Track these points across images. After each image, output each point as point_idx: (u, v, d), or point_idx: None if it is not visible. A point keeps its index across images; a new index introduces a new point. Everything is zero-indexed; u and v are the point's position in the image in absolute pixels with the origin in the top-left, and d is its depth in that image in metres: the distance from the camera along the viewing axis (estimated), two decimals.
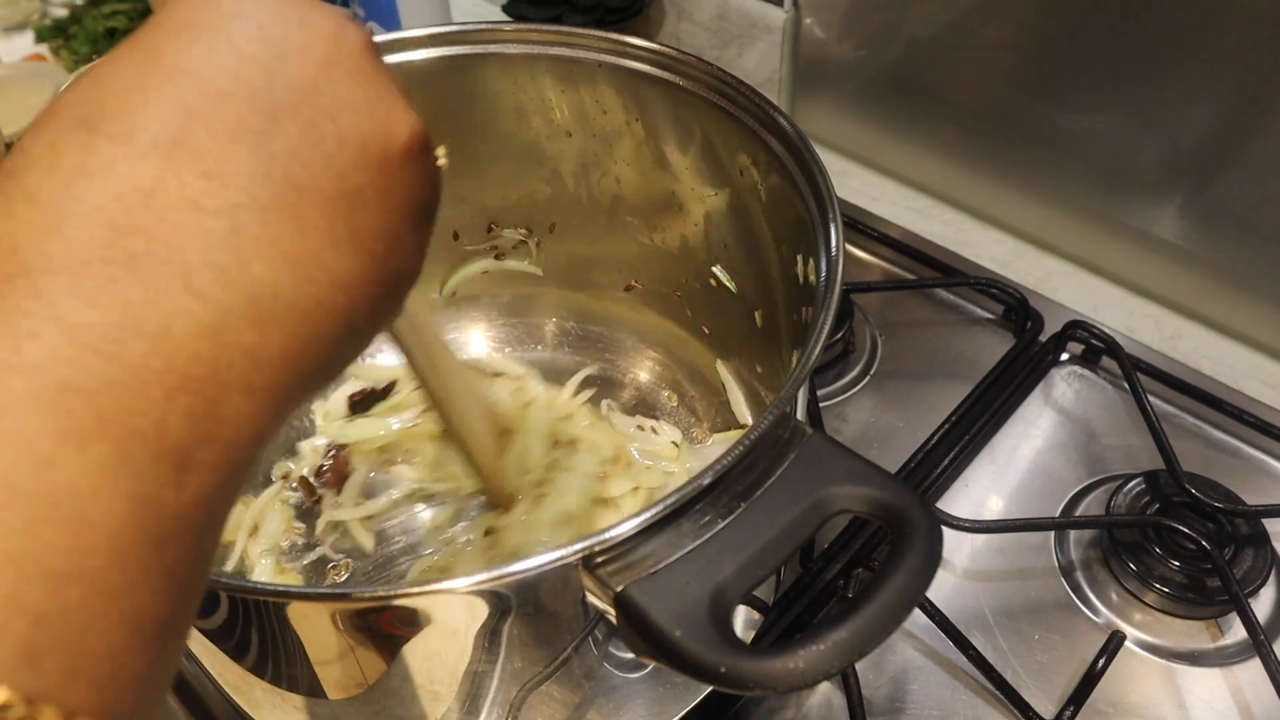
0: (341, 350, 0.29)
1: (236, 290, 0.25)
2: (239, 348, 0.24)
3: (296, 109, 0.26)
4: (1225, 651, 0.61)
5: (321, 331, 0.27)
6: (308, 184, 0.26)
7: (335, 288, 0.27)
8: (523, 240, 0.72)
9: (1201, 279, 0.79)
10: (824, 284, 0.46)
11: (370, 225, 0.28)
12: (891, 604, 0.35)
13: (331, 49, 0.28)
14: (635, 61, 0.59)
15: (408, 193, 0.29)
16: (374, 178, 0.28)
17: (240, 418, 0.25)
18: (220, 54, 0.26)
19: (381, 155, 0.28)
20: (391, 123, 0.28)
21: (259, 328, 0.25)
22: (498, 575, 0.37)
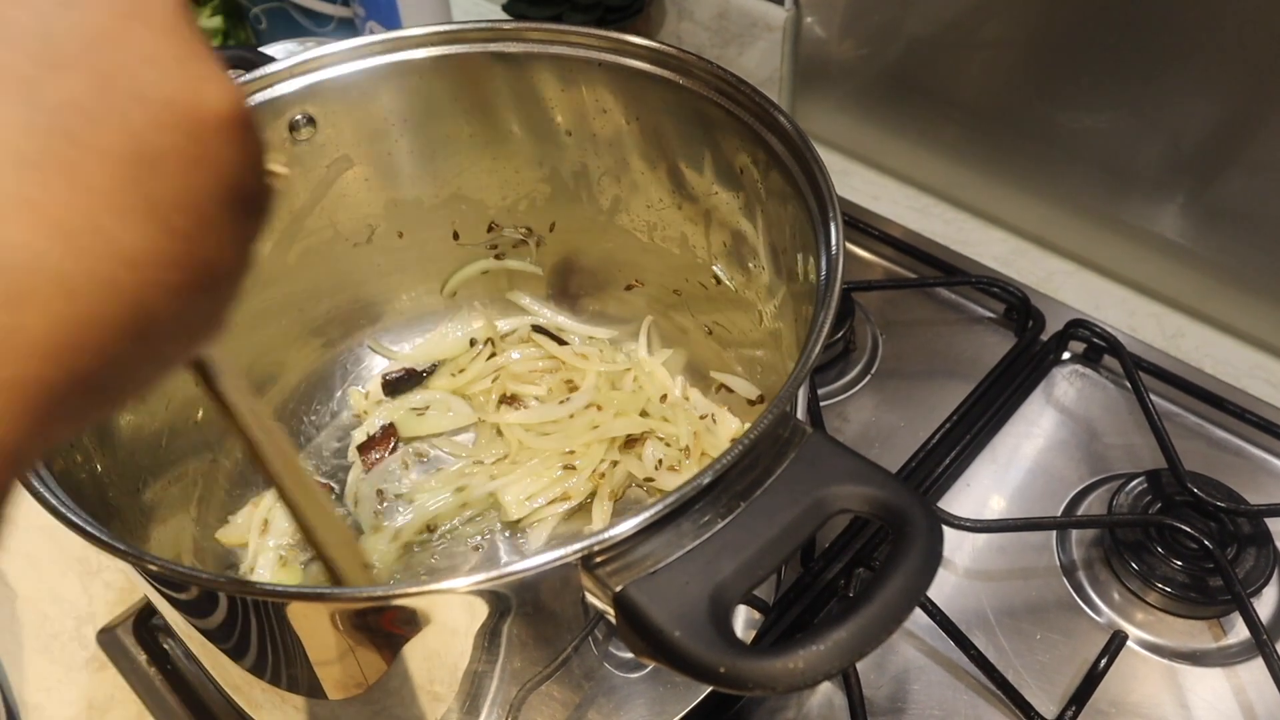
0: (134, 353, 0.24)
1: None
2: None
3: (80, 58, 0.22)
4: (1228, 651, 0.61)
5: (100, 315, 0.22)
6: (89, 139, 0.22)
7: (120, 263, 0.22)
8: (523, 240, 0.72)
9: (1203, 278, 0.79)
10: (824, 283, 0.45)
11: (174, 196, 0.23)
12: (892, 604, 0.34)
13: (133, 1, 0.24)
14: (635, 60, 0.59)
15: (226, 169, 0.25)
16: (180, 141, 0.23)
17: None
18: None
19: (192, 118, 0.24)
20: (206, 86, 0.24)
21: (12, 306, 0.20)
22: (497, 575, 0.37)
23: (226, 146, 0.25)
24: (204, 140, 0.24)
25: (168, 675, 0.62)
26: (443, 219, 0.70)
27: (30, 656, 0.65)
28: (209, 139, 0.24)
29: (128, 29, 0.23)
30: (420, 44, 0.61)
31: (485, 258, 0.73)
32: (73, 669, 0.64)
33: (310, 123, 0.61)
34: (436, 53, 0.62)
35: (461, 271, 0.74)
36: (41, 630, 0.66)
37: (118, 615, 0.65)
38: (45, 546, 0.70)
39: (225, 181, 0.25)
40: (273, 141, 0.60)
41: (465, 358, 0.74)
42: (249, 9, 1.03)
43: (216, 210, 0.25)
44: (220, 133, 0.24)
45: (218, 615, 0.42)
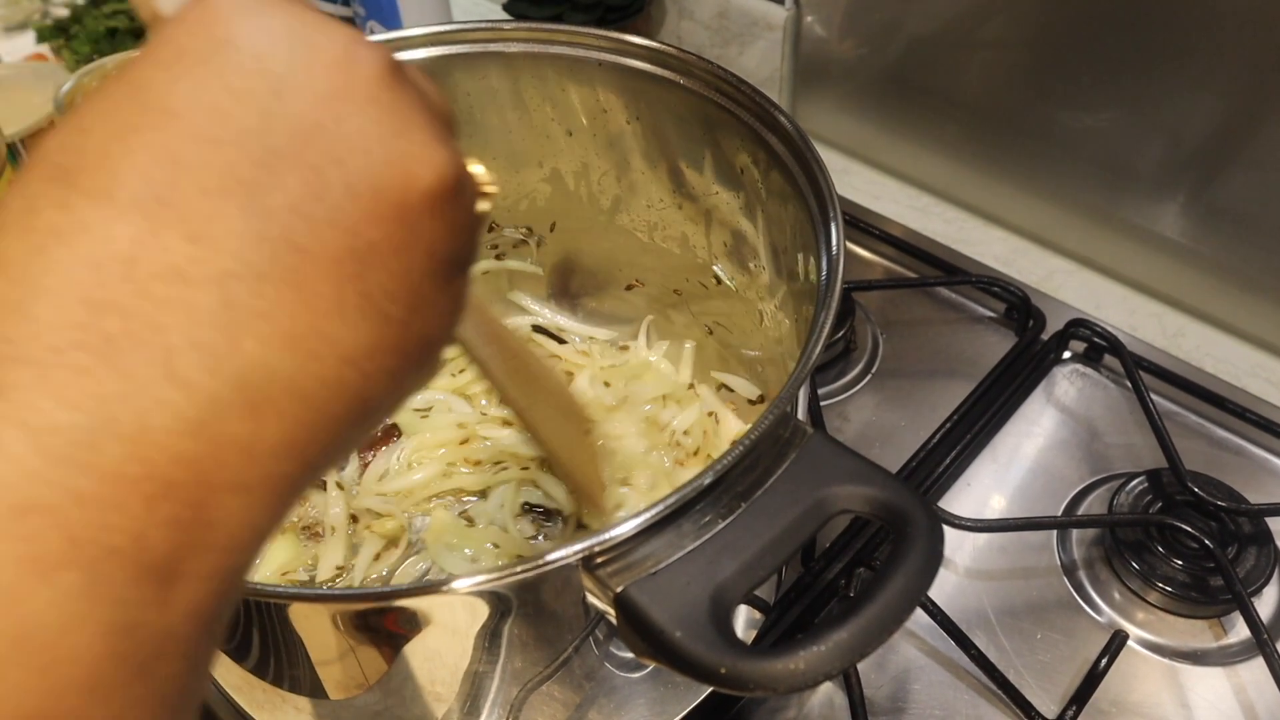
0: (356, 430, 0.25)
1: (226, 375, 0.21)
2: (230, 442, 0.21)
3: (297, 154, 0.22)
4: (1228, 651, 0.61)
5: (328, 414, 0.23)
6: (310, 244, 0.22)
7: (345, 363, 0.23)
8: (523, 239, 0.72)
9: (1204, 277, 0.79)
10: (824, 282, 0.45)
11: (386, 287, 0.24)
12: (893, 604, 0.34)
13: (338, 79, 0.23)
14: (635, 60, 0.59)
15: (433, 245, 0.25)
16: (390, 231, 0.24)
17: (234, 520, 0.22)
18: (211, 91, 0.22)
19: (399, 204, 0.24)
20: (411, 163, 0.24)
21: (253, 417, 0.22)
22: (497, 576, 0.37)
23: (434, 222, 0.24)
24: (413, 223, 0.24)
25: None
26: None
27: None
28: (416, 220, 0.24)
29: (335, 115, 0.23)
30: (420, 44, 0.61)
31: (485, 258, 0.73)
32: None
33: None
34: (435, 53, 0.61)
35: None
36: None
37: None
38: None
39: (437, 256, 0.25)
40: None
41: (465, 358, 0.74)
42: None
43: (429, 286, 0.25)
44: (428, 211, 0.24)
45: None
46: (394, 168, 0.24)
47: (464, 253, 0.26)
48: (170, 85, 0.22)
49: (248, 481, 0.22)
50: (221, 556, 0.22)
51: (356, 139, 0.23)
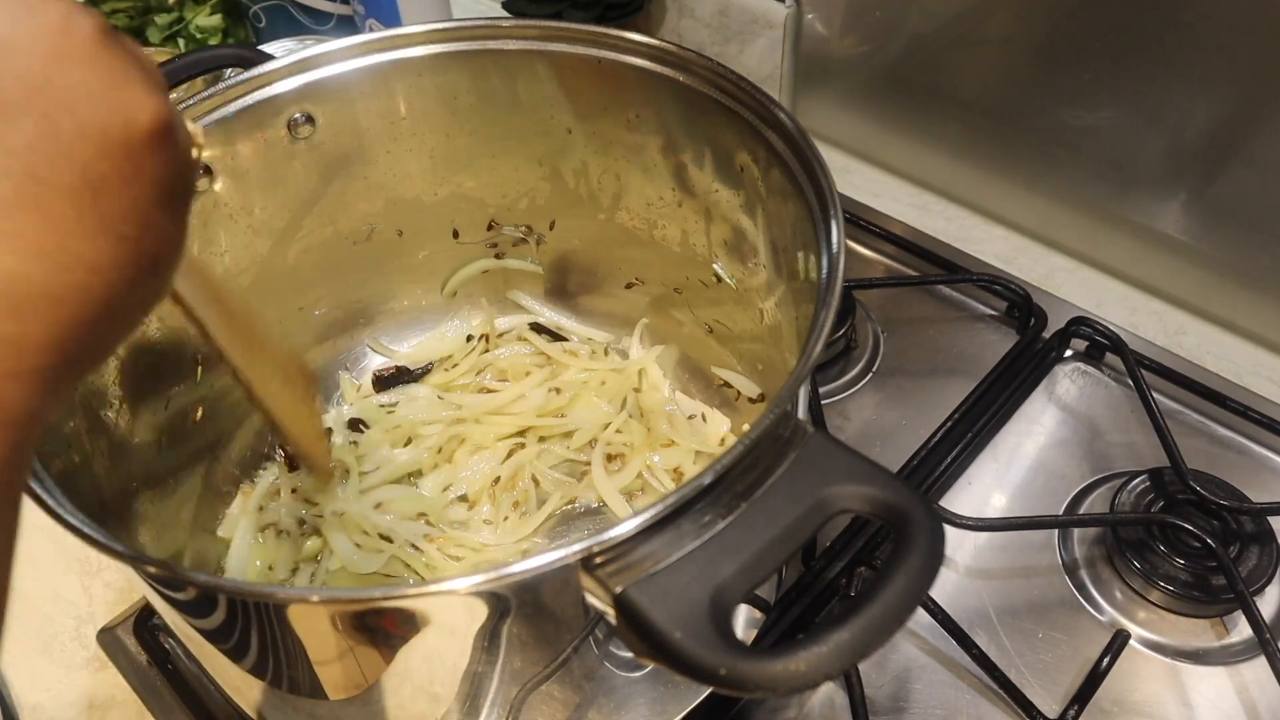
0: (109, 330, 0.31)
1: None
2: (1, 339, 0.26)
3: (29, 103, 0.27)
4: (1230, 650, 0.60)
5: (80, 315, 0.28)
6: (49, 176, 0.27)
7: (89, 272, 0.28)
8: (523, 238, 0.72)
9: (1206, 275, 0.79)
10: (825, 281, 0.45)
11: (119, 210, 0.29)
12: (893, 604, 0.34)
13: (59, 39, 0.28)
14: (635, 58, 0.58)
15: (156, 176, 0.30)
16: (118, 164, 0.28)
17: (9, 402, 0.27)
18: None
19: (124, 142, 0.29)
20: (131, 108, 0.29)
21: (16, 318, 0.27)
22: (497, 576, 0.37)
23: (155, 157, 0.30)
24: (136, 157, 0.29)
25: (168, 675, 0.62)
26: (442, 217, 0.70)
27: (30, 656, 0.65)
28: (140, 155, 0.29)
29: (60, 70, 0.28)
30: (419, 42, 0.61)
31: (485, 256, 0.73)
32: (73, 669, 0.64)
33: (309, 121, 0.61)
34: (436, 50, 0.61)
35: (461, 271, 0.73)
36: (42, 630, 0.66)
37: (118, 615, 0.65)
38: (45, 547, 0.70)
39: (159, 185, 0.30)
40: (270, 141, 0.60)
41: (460, 353, 0.74)
42: (248, 7, 1.03)
43: (156, 211, 0.30)
44: (148, 147, 0.29)
45: (216, 616, 0.42)
46: (116, 113, 0.28)
47: (181, 185, 0.32)
48: None
49: (19, 370, 0.27)
50: (5, 432, 0.27)
51: (80, 89, 0.28)
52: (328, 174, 0.64)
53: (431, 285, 0.74)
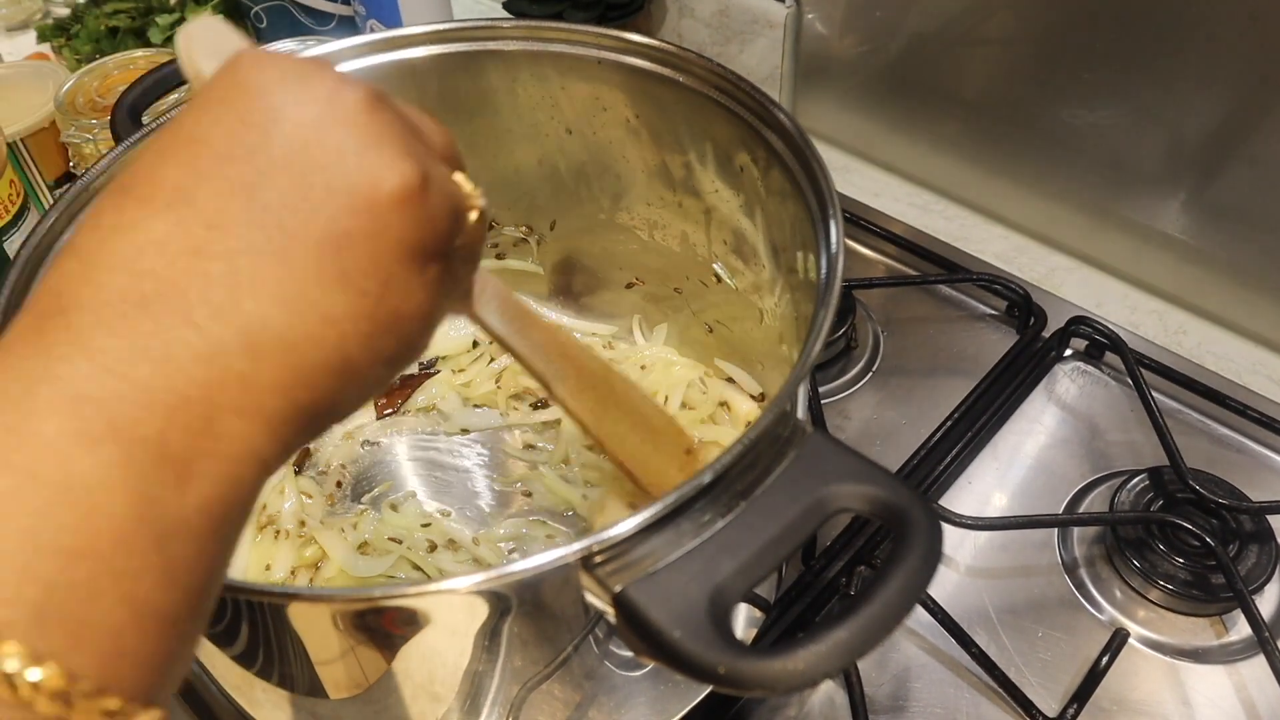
0: (342, 384, 0.31)
1: (229, 324, 0.28)
2: (232, 373, 0.28)
3: (287, 163, 0.29)
4: (1230, 649, 0.60)
5: (311, 361, 0.29)
6: (296, 229, 0.29)
7: (325, 322, 0.29)
8: (523, 238, 0.72)
9: (1205, 274, 0.79)
10: (824, 280, 0.45)
11: (361, 266, 0.30)
12: (892, 603, 0.34)
13: (324, 107, 0.30)
14: (635, 58, 0.59)
15: (400, 235, 0.31)
16: (362, 222, 0.30)
17: (235, 435, 0.28)
18: (225, 122, 0.30)
19: (368, 201, 0.30)
20: (379, 169, 0.30)
21: (251, 357, 0.28)
22: (497, 575, 0.37)
23: (401, 217, 0.31)
24: (382, 216, 0.30)
25: None
26: None
27: None
28: (385, 215, 0.30)
29: (320, 135, 0.30)
30: (419, 42, 0.61)
31: (486, 257, 0.73)
32: None
33: None
34: (436, 51, 0.61)
35: None
36: None
37: None
38: None
39: (404, 244, 0.31)
40: None
41: (466, 358, 0.74)
42: (250, 8, 1.03)
43: (399, 268, 0.31)
44: (394, 208, 0.30)
45: (216, 616, 0.42)
46: (365, 174, 0.30)
47: (434, 245, 0.32)
48: (198, 119, 0.30)
49: (246, 407, 0.28)
50: (226, 465, 0.28)
51: (334, 152, 0.30)
52: None
53: None
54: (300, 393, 0.29)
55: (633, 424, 0.53)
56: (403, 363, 0.34)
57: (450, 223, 0.33)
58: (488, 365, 0.73)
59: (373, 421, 0.71)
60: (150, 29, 1.03)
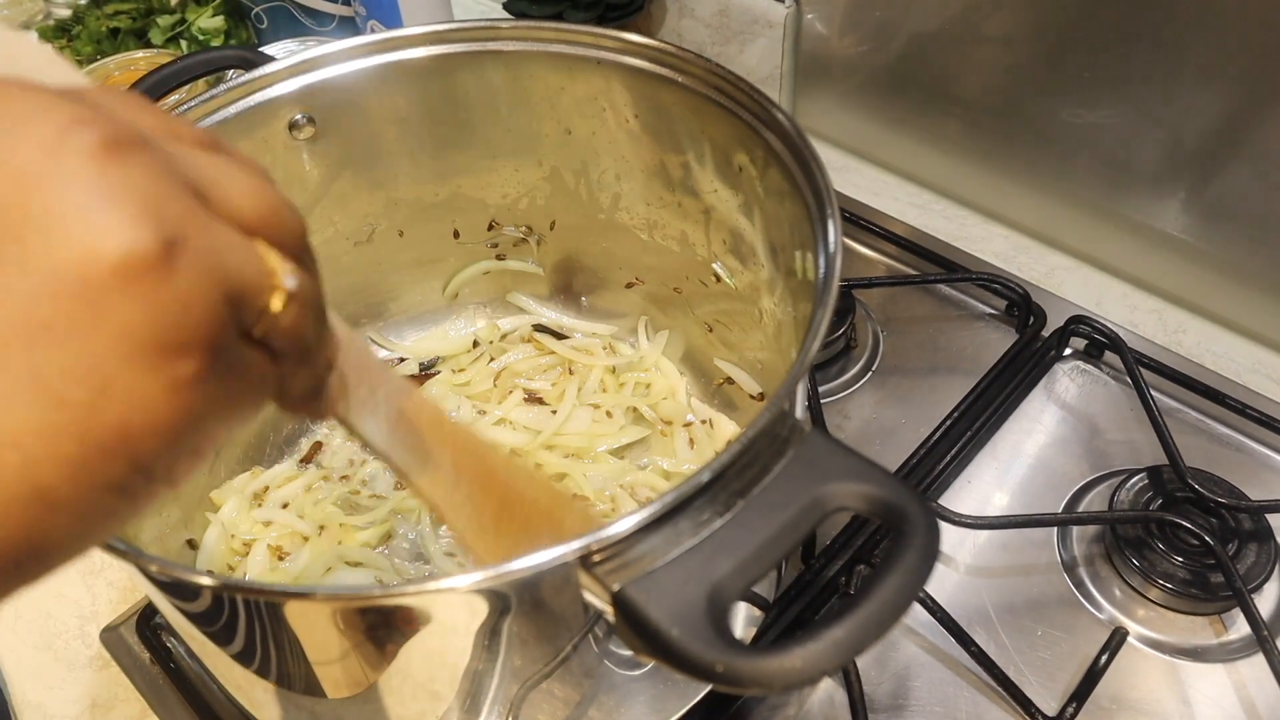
0: (43, 521, 0.24)
1: None
2: None
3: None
4: (1229, 647, 0.61)
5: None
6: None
7: (3, 446, 0.22)
8: (523, 238, 0.72)
9: (1205, 273, 0.79)
10: (822, 280, 0.45)
11: (62, 367, 0.23)
12: (889, 601, 0.34)
13: (42, 160, 0.23)
14: (634, 58, 0.59)
15: (128, 325, 0.23)
16: (67, 308, 0.22)
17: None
18: None
19: (79, 280, 0.22)
20: (100, 237, 0.23)
21: None
22: (496, 574, 0.37)
23: (127, 300, 0.23)
24: (95, 301, 0.23)
25: (170, 674, 0.62)
26: (443, 218, 0.70)
27: (33, 655, 0.65)
28: (101, 298, 0.23)
29: (26, 194, 0.22)
30: (419, 43, 0.61)
31: (486, 257, 0.73)
32: (76, 667, 0.65)
33: (310, 122, 0.61)
34: (435, 51, 0.62)
35: (462, 273, 0.74)
36: (44, 629, 0.66)
37: (121, 614, 0.66)
38: None
39: (132, 337, 0.23)
40: (270, 142, 0.60)
41: (466, 358, 0.74)
42: (250, 8, 1.03)
43: (123, 370, 0.23)
44: (117, 288, 0.23)
45: (216, 614, 0.42)
46: (76, 243, 0.23)
47: (180, 335, 0.24)
48: None
49: None
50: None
51: (41, 217, 0.22)
52: (329, 175, 0.64)
53: (433, 285, 0.74)
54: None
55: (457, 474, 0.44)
56: (156, 483, 0.26)
57: (219, 308, 0.25)
58: (487, 365, 0.73)
59: None
60: (151, 30, 1.04)
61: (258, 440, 0.69)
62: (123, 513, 0.25)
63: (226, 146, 0.28)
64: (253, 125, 0.59)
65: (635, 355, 0.73)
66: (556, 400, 0.70)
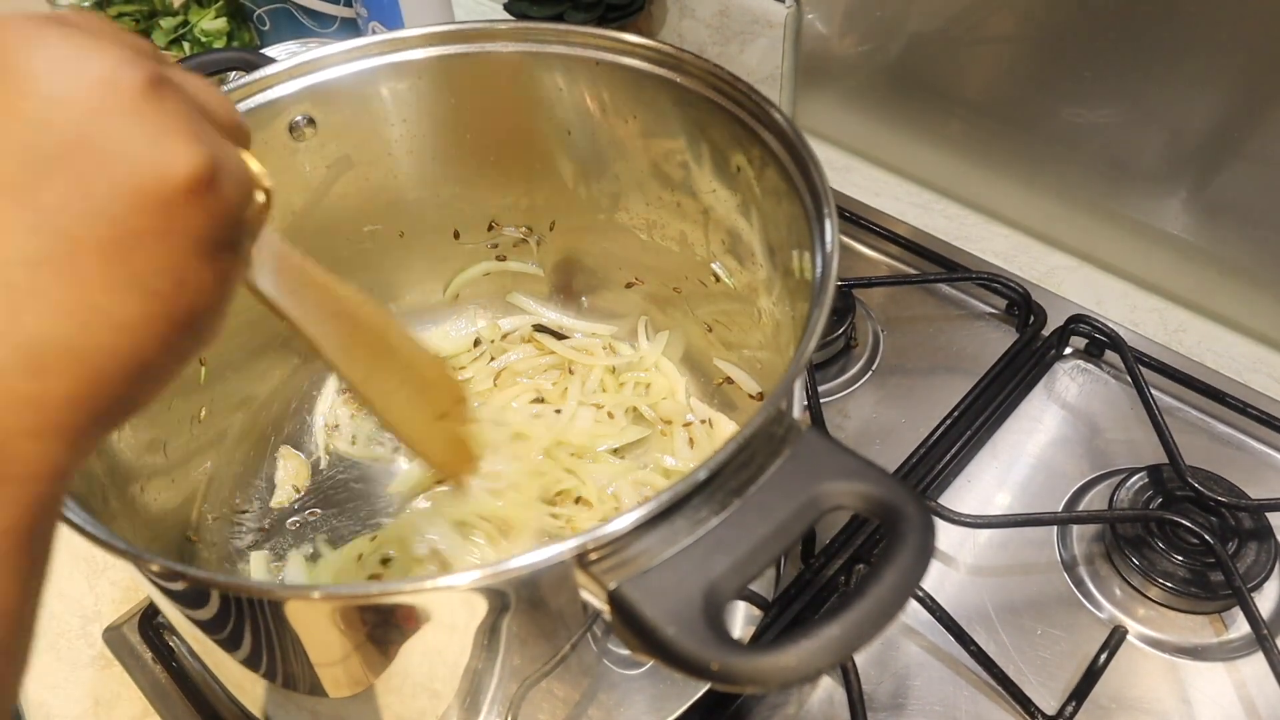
0: (139, 386, 0.30)
1: (9, 343, 0.26)
2: (20, 397, 0.26)
3: (66, 160, 0.27)
4: (1229, 646, 0.61)
5: (107, 372, 0.28)
6: (81, 233, 0.27)
7: (117, 330, 0.28)
8: (523, 239, 0.72)
9: (1205, 272, 0.79)
10: (819, 280, 0.45)
11: (152, 266, 0.28)
12: (884, 599, 0.35)
13: (102, 94, 0.28)
14: (632, 59, 0.59)
15: (193, 229, 0.29)
16: (152, 220, 0.28)
17: (31, 457, 0.27)
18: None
19: (157, 196, 0.28)
20: (167, 162, 0.28)
21: (37, 376, 0.27)
22: (493, 572, 0.37)
23: (192, 210, 0.29)
24: (172, 212, 0.29)
25: (173, 673, 0.62)
26: (443, 218, 0.71)
27: (36, 654, 0.65)
28: (176, 210, 0.29)
29: (99, 126, 0.28)
30: (419, 44, 0.61)
31: (486, 258, 0.74)
32: (78, 666, 0.65)
33: (310, 123, 0.61)
34: (435, 53, 0.62)
35: (462, 275, 0.74)
36: (47, 628, 0.67)
37: (123, 613, 0.66)
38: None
39: (197, 238, 0.30)
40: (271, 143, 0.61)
41: (467, 357, 0.74)
42: (253, 10, 1.03)
43: (192, 264, 0.30)
44: (184, 200, 0.29)
45: (218, 614, 0.43)
46: (151, 167, 0.28)
47: (225, 234, 0.31)
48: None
49: (39, 428, 0.27)
50: (24, 487, 0.27)
51: (116, 145, 0.28)
52: (330, 175, 0.65)
53: (434, 285, 0.75)
54: (96, 403, 0.28)
55: (403, 379, 0.51)
56: (197, 352, 0.33)
57: (242, 208, 0.32)
58: (488, 364, 0.73)
59: None
60: (154, 32, 1.04)
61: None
62: (178, 372, 0.32)
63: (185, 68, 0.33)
64: (254, 127, 0.58)
65: (635, 355, 0.73)
66: (557, 400, 0.71)
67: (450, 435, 0.56)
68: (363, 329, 0.48)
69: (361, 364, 0.48)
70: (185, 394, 0.62)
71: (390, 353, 0.50)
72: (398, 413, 0.51)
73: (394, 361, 0.50)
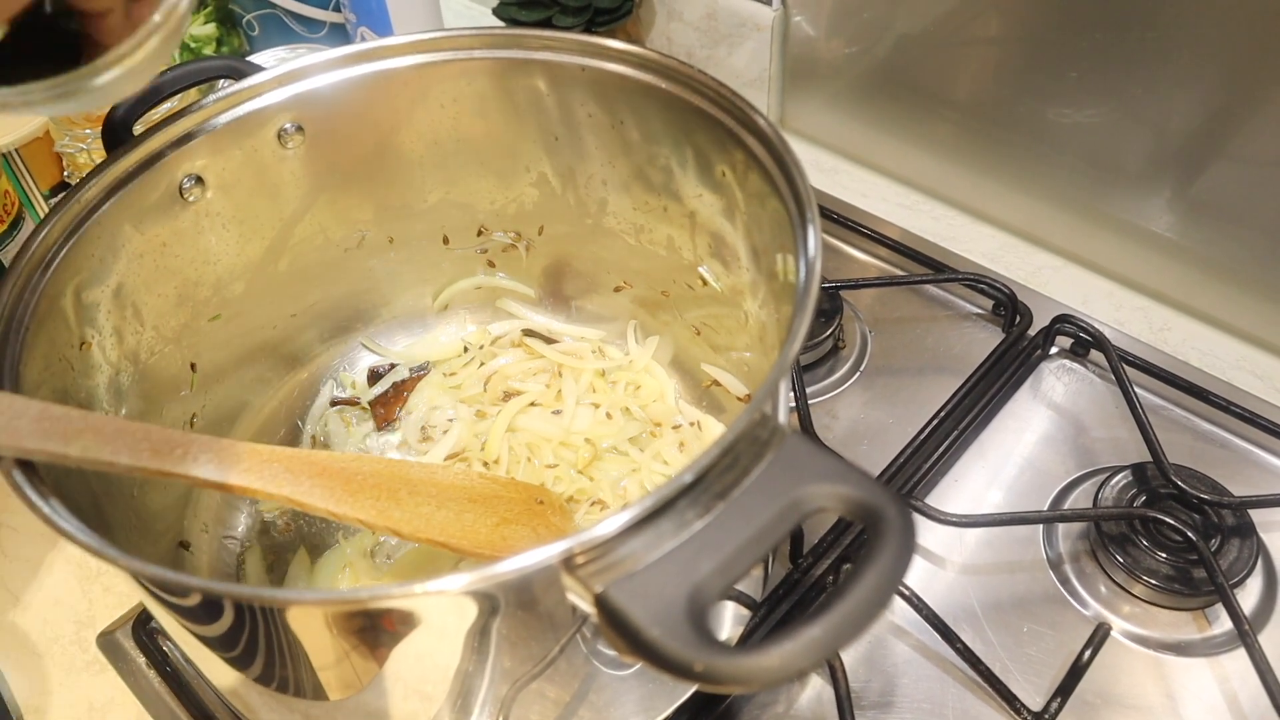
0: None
1: None
2: None
3: None
4: (1212, 642, 0.61)
5: None
6: None
7: None
8: (512, 244, 0.73)
9: (1190, 271, 0.80)
10: (803, 283, 0.46)
11: None
12: (865, 599, 0.35)
13: None
14: (617, 64, 0.59)
15: None
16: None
17: None
18: None
19: None
20: None
21: None
22: (481, 576, 0.37)
23: None
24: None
25: (167, 678, 0.63)
26: (432, 224, 0.71)
27: (30, 660, 0.66)
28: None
29: None
30: (406, 52, 0.62)
31: (475, 262, 0.74)
32: (72, 672, 0.65)
33: (298, 131, 0.62)
34: (423, 60, 0.62)
35: (453, 286, 0.75)
36: (42, 634, 0.67)
37: (117, 619, 0.66)
38: (45, 551, 0.71)
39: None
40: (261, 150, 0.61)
41: (457, 362, 0.75)
42: (242, 16, 1.04)
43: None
44: None
45: (210, 619, 0.43)
46: None
47: None
48: None
49: None
50: None
51: None
52: (318, 182, 0.65)
53: (423, 291, 0.75)
54: None
55: (438, 503, 0.54)
56: None
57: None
58: (478, 368, 0.74)
59: (374, 433, 0.72)
60: None
61: None
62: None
63: None
64: (242, 134, 0.60)
65: (625, 359, 0.73)
66: (551, 403, 0.71)
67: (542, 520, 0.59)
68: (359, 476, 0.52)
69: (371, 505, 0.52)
70: (177, 400, 0.63)
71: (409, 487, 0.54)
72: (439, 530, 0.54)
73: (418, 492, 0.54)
